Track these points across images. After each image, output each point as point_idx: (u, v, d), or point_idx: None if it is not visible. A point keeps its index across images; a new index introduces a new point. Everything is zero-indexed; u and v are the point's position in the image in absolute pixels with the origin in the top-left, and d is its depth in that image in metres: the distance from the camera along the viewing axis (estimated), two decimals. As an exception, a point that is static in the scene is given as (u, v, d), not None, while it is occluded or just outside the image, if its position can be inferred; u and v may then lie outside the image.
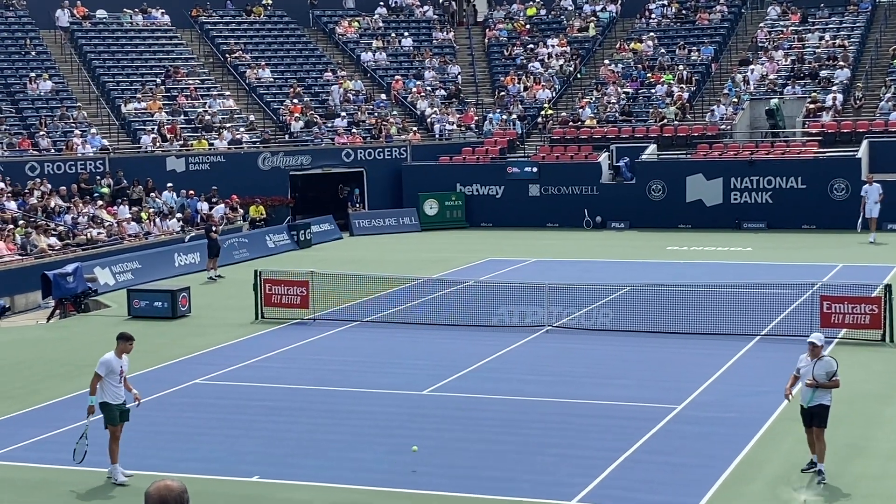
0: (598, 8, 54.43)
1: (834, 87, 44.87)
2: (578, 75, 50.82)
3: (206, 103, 46.58)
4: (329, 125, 46.77)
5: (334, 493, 14.74)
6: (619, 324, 24.61)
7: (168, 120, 44.59)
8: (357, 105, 48.58)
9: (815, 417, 14.65)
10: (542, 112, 48.14)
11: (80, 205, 37.23)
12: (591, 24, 53.05)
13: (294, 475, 15.42)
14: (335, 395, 19.80)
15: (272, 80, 49.43)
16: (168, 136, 43.60)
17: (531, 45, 52.74)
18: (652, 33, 51.65)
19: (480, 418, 18.13)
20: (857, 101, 44.22)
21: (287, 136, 46.13)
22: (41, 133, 41.65)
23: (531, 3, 55.85)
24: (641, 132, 45.09)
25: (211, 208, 39.78)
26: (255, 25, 52.54)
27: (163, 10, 50.83)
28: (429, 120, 48.14)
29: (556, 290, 26.26)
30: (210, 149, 43.47)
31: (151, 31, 50.12)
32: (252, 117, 46.69)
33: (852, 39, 48.07)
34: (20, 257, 32.29)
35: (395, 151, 45.73)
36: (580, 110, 47.31)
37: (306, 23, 53.97)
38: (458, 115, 48.56)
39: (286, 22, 53.29)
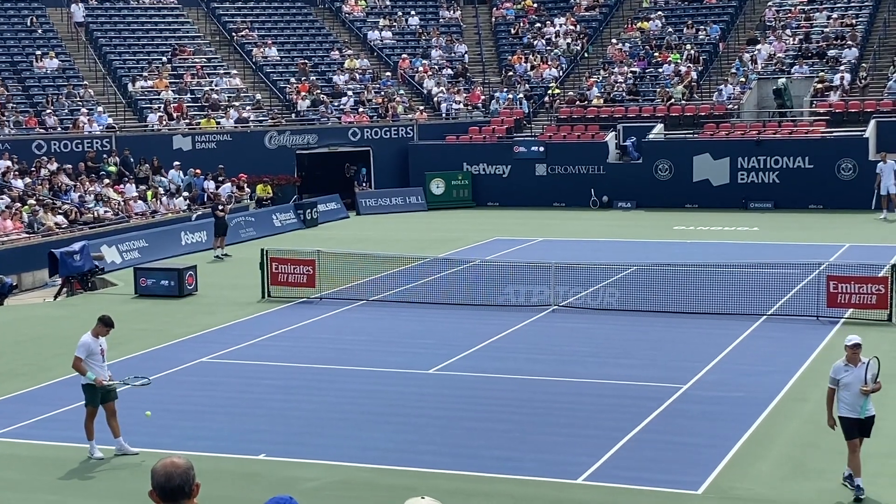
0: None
1: (842, 67, 44.69)
2: (585, 54, 50.68)
3: (212, 82, 46.54)
4: (336, 104, 46.72)
5: (340, 471, 14.79)
6: (625, 303, 24.61)
7: (174, 98, 44.56)
8: (364, 84, 48.51)
9: (866, 427, 13.60)
10: (549, 91, 48.01)
11: (87, 183, 37.26)
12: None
13: (300, 453, 15.48)
14: (341, 373, 19.84)
15: (279, 58, 49.36)
16: (174, 114, 43.58)
17: (538, 24, 52.57)
18: (659, 12, 51.43)
19: (486, 397, 18.17)
20: (865, 81, 44.07)
21: (294, 115, 46.08)
22: (48, 111, 41.65)
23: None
24: (648, 111, 44.96)
25: (218, 187, 39.78)
26: (261, 4, 52.40)
27: (169, -12, 50.76)
28: (435, 99, 48.05)
29: (563, 269, 26.26)
30: (217, 127, 43.45)
31: (158, 10, 50.04)
32: (258, 96, 46.64)
33: (860, 18, 47.85)
34: (27, 235, 32.34)
35: (402, 130, 45.66)
36: (587, 90, 47.18)
37: (313, 1, 53.80)
38: (464, 95, 48.46)
39: (292, 0, 53.13)
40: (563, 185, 42.97)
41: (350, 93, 47.49)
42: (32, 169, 37.58)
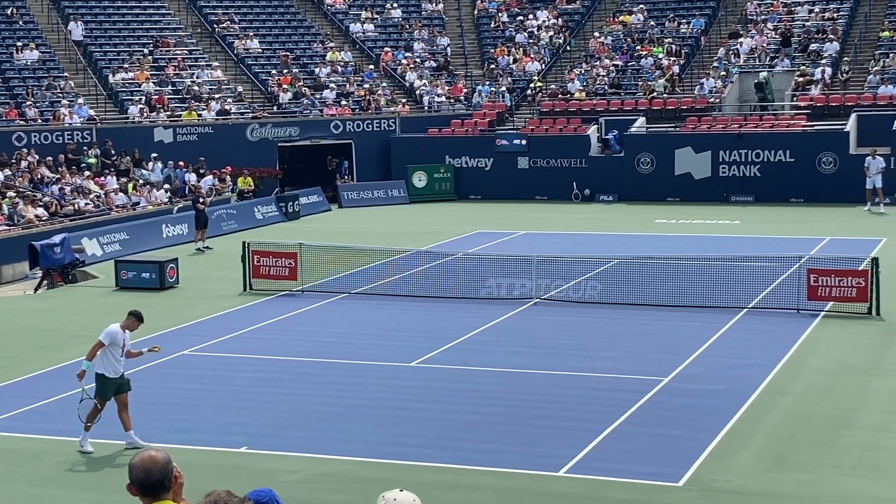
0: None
1: (823, 61, 44.86)
2: (568, 48, 50.70)
3: (193, 74, 46.37)
4: (318, 96, 46.63)
5: (323, 463, 14.78)
6: (606, 296, 24.64)
7: (156, 90, 44.39)
8: (346, 76, 48.42)
9: None
10: (532, 84, 48.02)
11: (68, 175, 37.09)
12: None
13: (282, 446, 15.47)
14: (323, 366, 19.82)
15: (260, 50, 49.21)
16: (156, 106, 43.42)
17: (520, 17, 52.57)
18: (641, 5, 51.47)
19: (468, 390, 18.19)
20: (846, 75, 44.23)
21: (275, 108, 45.97)
22: (28, 103, 41.43)
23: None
24: (630, 105, 45.04)
25: (199, 179, 39.67)
26: (243, -4, 52.20)
27: (150, -20, 50.49)
28: (418, 92, 48.00)
29: (545, 262, 26.29)
30: (198, 120, 43.32)
31: (139, 1, 49.80)
32: (240, 88, 46.50)
33: (841, 13, 48.02)
34: (7, 228, 32.18)
35: (384, 123, 45.60)
36: (569, 83, 47.22)
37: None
38: (447, 87, 48.42)
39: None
40: (545, 179, 43.01)
41: (332, 85, 47.40)
42: (12, 161, 37.39)
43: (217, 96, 45.00)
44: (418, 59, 50.25)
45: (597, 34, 50.32)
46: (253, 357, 20.52)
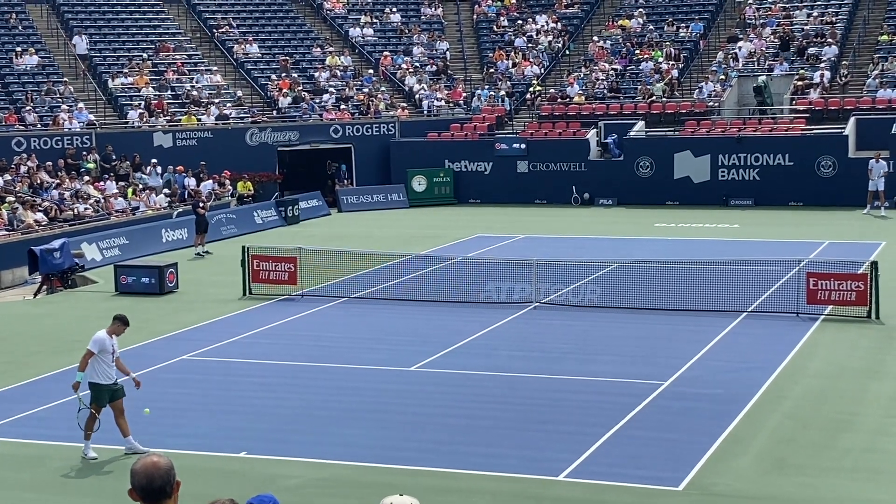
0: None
1: (821, 65, 44.88)
2: (567, 52, 50.73)
3: (193, 78, 46.39)
4: (317, 101, 46.64)
5: (322, 468, 14.78)
6: (606, 300, 24.65)
7: (155, 95, 44.41)
8: (345, 81, 48.44)
9: None
10: (531, 88, 48.05)
11: (67, 180, 37.11)
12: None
13: (281, 451, 15.46)
14: (323, 370, 19.82)
15: (260, 55, 49.23)
16: (155, 111, 43.43)
17: (520, 21, 52.62)
18: (641, 9, 51.54)
19: (467, 394, 18.20)
20: (844, 79, 44.26)
21: (275, 112, 45.99)
22: (27, 108, 41.44)
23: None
24: (630, 109, 45.05)
25: (199, 184, 39.68)
26: (242, 0, 52.24)
27: (149, -15, 50.51)
28: (417, 96, 48.03)
29: (544, 266, 26.28)
30: (198, 124, 43.32)
31: (138, 6, 49.83)
32: (239, 93, 46.52)
33: (840, 16, 48.06)
34: (7, 233, 32.18)
35: (384, 127, 45.61)
36: (568, 87, 47.24)
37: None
38: (446, 92, 48.44)
39: (274, -3, 52.99)
40: (544, 182, 43.01)
41: (332, 90, 47.43)
42: (12, 166, 37.39)
43: (216, 101, 45.01)
44: (418, 64, 50.29)
45: (596, 38, 50.36)
46: (252, 361, 20.52)
